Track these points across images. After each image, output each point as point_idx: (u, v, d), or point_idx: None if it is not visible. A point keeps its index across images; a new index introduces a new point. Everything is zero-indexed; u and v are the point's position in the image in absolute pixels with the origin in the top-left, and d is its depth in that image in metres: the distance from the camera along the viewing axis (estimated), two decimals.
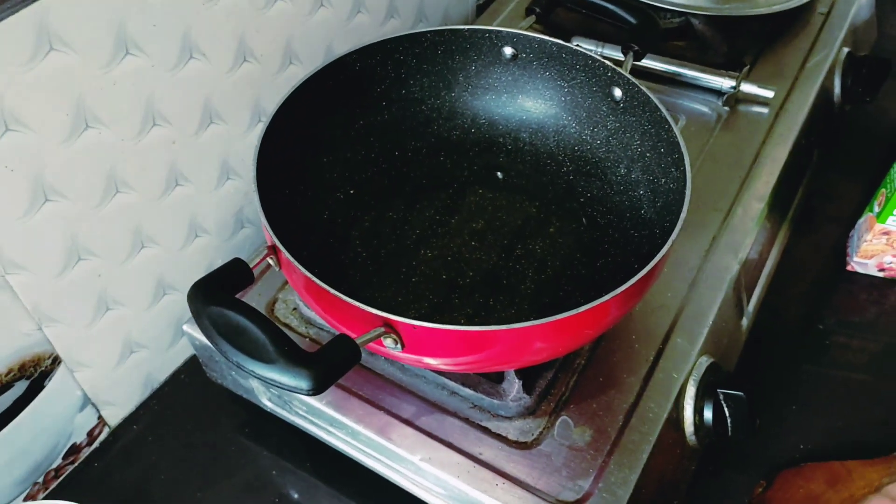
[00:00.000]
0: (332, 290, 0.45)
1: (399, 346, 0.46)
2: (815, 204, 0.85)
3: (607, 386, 0.56)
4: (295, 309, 0.62)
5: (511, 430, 0.54)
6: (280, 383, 0.40)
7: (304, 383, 0.40)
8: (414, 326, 0.44)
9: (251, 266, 0.48)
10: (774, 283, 0.75)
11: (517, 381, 0.54)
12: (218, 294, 0.44)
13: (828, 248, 0.81)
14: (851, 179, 0.87)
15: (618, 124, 0.64)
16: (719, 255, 0.65)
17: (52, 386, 0.58)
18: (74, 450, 0.63)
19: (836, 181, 0.87)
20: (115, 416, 0.66)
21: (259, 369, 0.41)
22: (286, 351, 0.41)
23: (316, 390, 0.40)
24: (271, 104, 0.61)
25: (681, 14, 0.82)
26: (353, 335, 0.44)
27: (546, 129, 0.69)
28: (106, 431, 0.66)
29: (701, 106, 0.79)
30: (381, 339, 0.45)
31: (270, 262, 0.50)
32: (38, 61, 0.48)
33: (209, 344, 0.44)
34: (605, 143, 0.66)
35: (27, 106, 0.48)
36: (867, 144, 0.91)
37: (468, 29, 0.66)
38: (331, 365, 0.41)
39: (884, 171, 0.75)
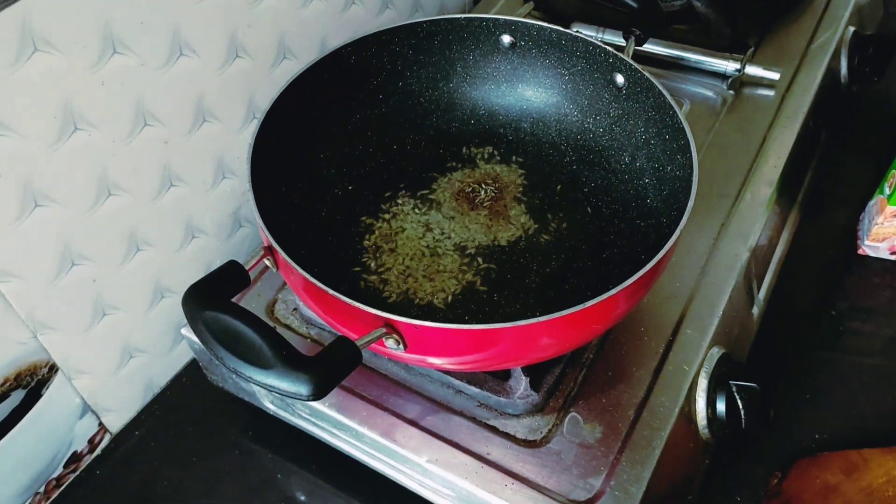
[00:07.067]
0: (331, 291, 0.44)
1: (401, 346, 0.45)
2: (825, 187, 0.83)
3: (617, 380, 0.55)
4: (295, 309, 0.61)
5: (519, 428, 0.53)
6: (279, 389, 0.39)
7: (303, 388, 0.39)
8: (416, 326, 0.43)
9: (247, 268, 0.47)
10: (785, 269, 0.74)
11: (524, 377, 0.53)
12: (213, 298, 0.43)
13: (838, 231, 0.79)
14: (861, 161, 0.85)
15: (621, 111, 0.63)
16: (728, 242, 0.64)
17: (49, 394, 0.57)
18: (75, 458, 0.62)
19: (845, 163, 0.86)
20: (116, 423, 0.65)
21: (257, 375, 0.39)
22: (284, 356, 0.40)
23: (316, 396, 0.39)
24: (265, 100, 0.60)
25: None
26: (353, 336, 0.43)
27: (547, 118, 0.67)
28: (107, 438, 0.65)
29: (705, 90, 0.77)
30: (383, 339, 0.44)
31: (267, 262, 0.49)
32: (23, 63, 0.46)
33: None
34: (609, 130, 0.64)
35: (13, 109, 0.47)
36: (876, 125, 0.90)
37: (465, 18, 0.64)
38: (331, 369, 0.40)
39: (893, 151, 0.73)
